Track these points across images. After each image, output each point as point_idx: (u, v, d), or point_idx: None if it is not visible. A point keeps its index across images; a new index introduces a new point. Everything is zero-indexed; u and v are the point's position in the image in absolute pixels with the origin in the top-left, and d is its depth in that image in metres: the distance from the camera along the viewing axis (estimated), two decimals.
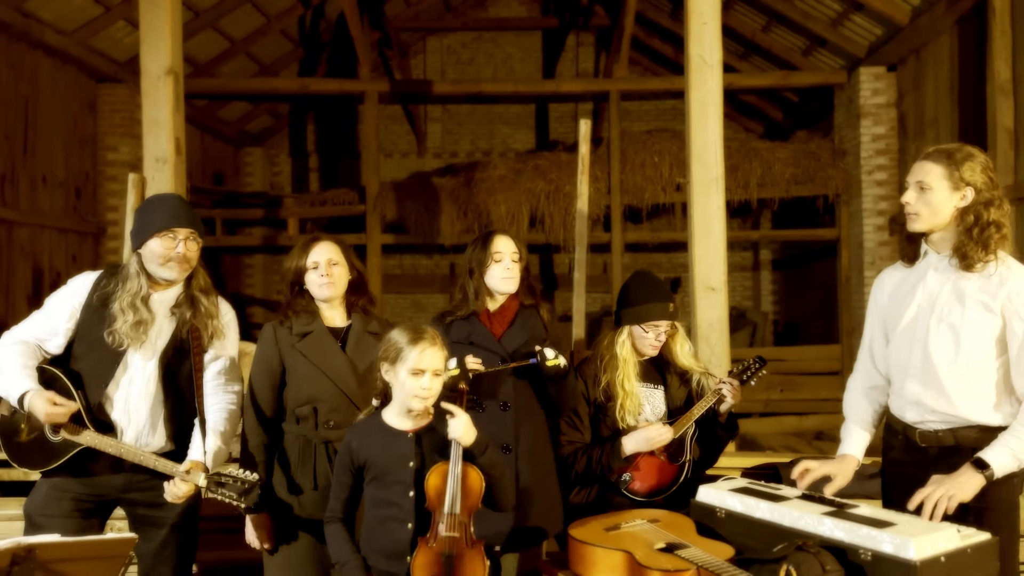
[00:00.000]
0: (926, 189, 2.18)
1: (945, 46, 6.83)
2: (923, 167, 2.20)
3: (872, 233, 7.88)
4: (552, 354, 2.53)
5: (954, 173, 2.15)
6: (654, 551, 1.97)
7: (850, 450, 2.37)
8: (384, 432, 2.20)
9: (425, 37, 11.07)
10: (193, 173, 9.20)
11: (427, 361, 2.14)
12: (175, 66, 4.18)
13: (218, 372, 2.59)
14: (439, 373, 2.17)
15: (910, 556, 1.75)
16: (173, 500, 2.38)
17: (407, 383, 2.15)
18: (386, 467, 2.16)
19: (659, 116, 10.94)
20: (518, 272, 2.68)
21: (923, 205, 2.19)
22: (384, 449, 2.17)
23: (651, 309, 2.78)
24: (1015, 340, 2.13)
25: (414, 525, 2.12)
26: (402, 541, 2.12)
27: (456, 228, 8.68)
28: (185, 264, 2.52)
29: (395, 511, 2.14)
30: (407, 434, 2.19)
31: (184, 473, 2.35)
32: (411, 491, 2.14)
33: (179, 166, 4.20)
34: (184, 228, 2.50)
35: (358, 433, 2.22)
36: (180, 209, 2.53)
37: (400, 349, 2.16)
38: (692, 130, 4.16)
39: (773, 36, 8.78)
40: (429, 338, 2.17)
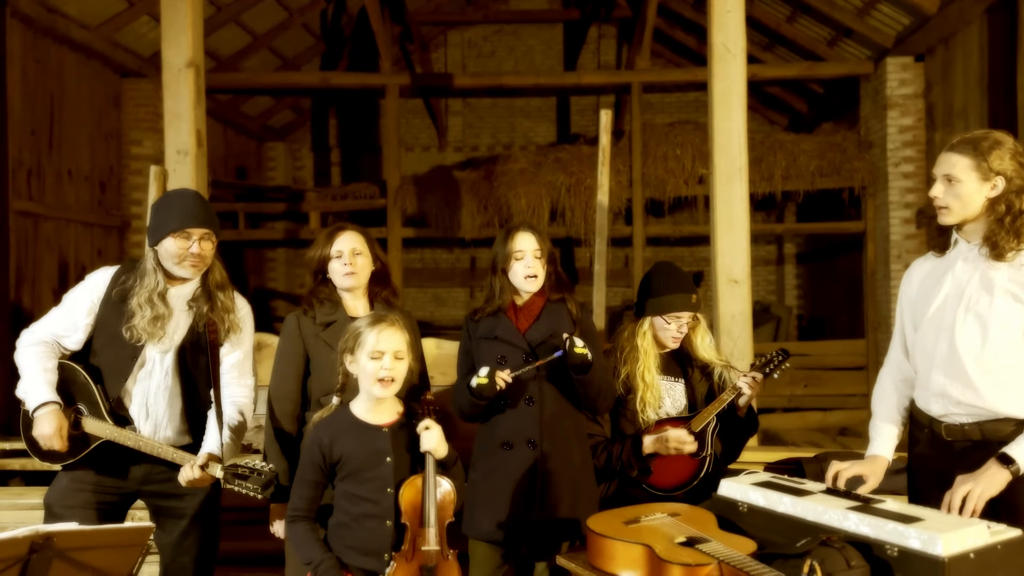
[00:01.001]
0: (954, 181, 2.12)
1: (974, 35, 6.69)
2: (949, 159, 2.14)
3: (899, 226, 7.75)
4: (580, 343, 2.47)
5: (982, 163, 2.09)
6: (674, 545, 1.94)
7: (880, 451, 2.31)
8: (356, 427, 2.16)
9: (446, 30, 11.06)
10: (217, 167, 9.28)
11: (385, 342, 2.11)
12: (196, 59, 4.19)
13: (232, 365, 2.60)
14: (401, 356, 2.14)
15: (938, 552, 1.71)
16: (186, 485, 2.39)
17: (367, 367, 2.12)
18: (362, 463, 2.13)
19: (682, 108, 10.85)
20: (541, 268, 2.63)
21: (952, 198, 2.13)
22: (359, 444, 2.13)
23: (673, 300, 2.74)
24: None
25: (393, 522, 2.10)
26: (383, 537, 2.09)
27: (476, 222, 8.66)
28: (200, 263, 2.53)
29: (371, 507, 2.11)
30: (382, 429, 2.15)
31: (201, 466, 2.35)
32: (389, 487, 2.10)
33: (200, 158, 4.22)
34: (199, 228, 2.50)
35: (328, 428, 2.17)
36: (195, 208, 2.52)
37: (359, 334, 2.14)
38: (715, 120, 4.11)
39: (798, 26, 8.65)
40: (388, 321, 2.14)
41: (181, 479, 2.39)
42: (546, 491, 2.53)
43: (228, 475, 2.33)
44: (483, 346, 2.63)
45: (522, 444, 2.55)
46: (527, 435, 2.56)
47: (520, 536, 2.54)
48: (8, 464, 3.93)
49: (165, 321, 2.48)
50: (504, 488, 2.53)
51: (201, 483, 2.39)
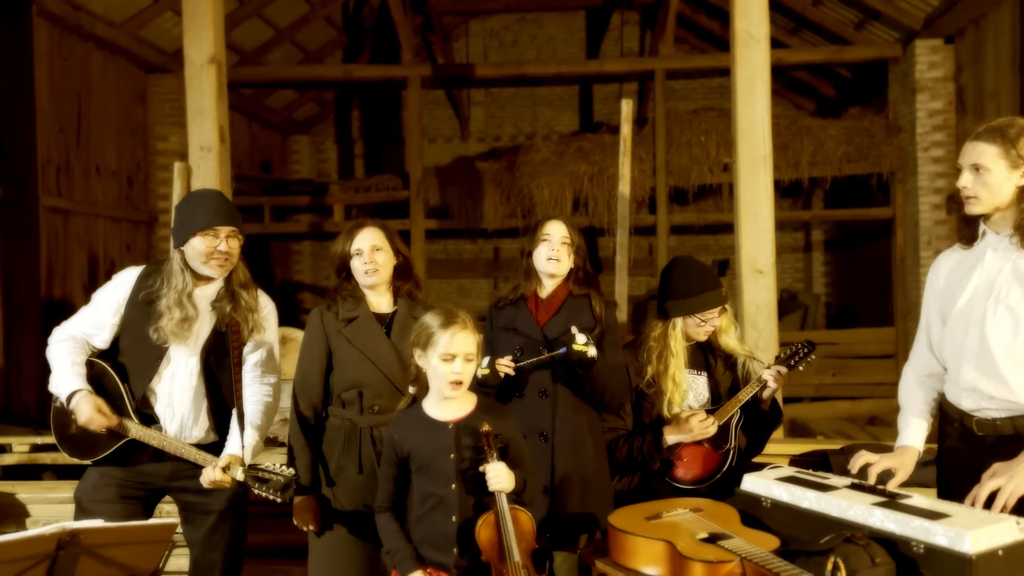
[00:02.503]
0: (983, 170, 2.06)
1: (1006, 15, 6.53)
2: (976, 148, 2.08)
3: (928, 212, 7.61)
4: (583, 339, 2.46)
5: (1011, 151, 2.03)
6: (696, 541, 1.92)
7: (910, 441, 2.26)
8: (424, 423, 2.19)
9: (467, 20, 11.02)
10: (241, 161, 9.35)
11: (458, 345, 2.11)
12: (218, 55, 4.21)
13: (255, 364, 2.61)
14: (471, 358, 2.14)
15: (965, 549, 1.68)
16: (208, 486, 2.41)
17: (439, 369, 2.13)
18: (428, 458, 2.15)
19: (706, 95, 10.73)
20: (566, 256, 2.63)
21: (981, 187, 2.08)
22: (425, 440, 2.16)
23: (706, 299, 2.71)
24: None
25: (458, 517, 2.11)
26: (448, 533, 2.11)
27: (499, 212, 8.65)
28: (227, 262, 2.53)
29: (437, 502, 2.14)
30: (447, 425, 2.17)
31: (223, 468, 2.38)
32: (452, 483, 2.12)
33: (223, 154, 4.24)
34: (226, 226, 2.51)
35: (399, 425, 2.22)
36: (221, 207, 2.53)
37: (431, 334, 2.14)
38: (738, 107, 4.05)
39: (824, 10, 8.50)
40: (460, 322, 2.14)
41: (203, 481, 2.41)
42: (558, 483, 2.54)
43: (249, 478, 2.35)
44: (502, 337, 2.65)
45: (535, 436, 2.56)
46: (540, 428, 2.56)
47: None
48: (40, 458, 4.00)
49: (193, 323, 2.50)
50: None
51: (223, 484, 2.41)
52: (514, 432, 2.22)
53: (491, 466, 2.07)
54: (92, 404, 2.40)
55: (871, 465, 2.17)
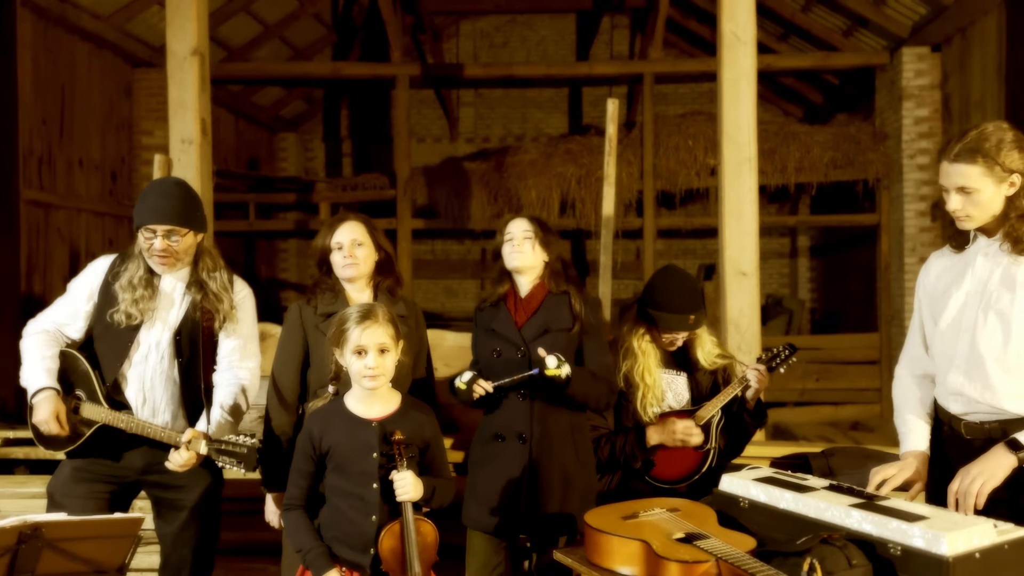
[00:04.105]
0: (971, 192, 2.04)
1: (992, 24, 6.57)
2: (958, 171, 2.04)
3: (913, 219, 7.64)
4: (554, 363, 2.42)
5: (994, 168, 2.01)
6: (672, 541, 1.90)
7: (916, 445, 2.21)
8: (346, 419, 2.15)
9: (458, 20, 11.00)
10: (228, 158, 9.29)
11: (368, 338, 2.08)
12: (201, 47, 4.17)
13: (232, 349, 2.60)
14: (386, 349, 2.10)
15: (942, 551, 1.67)
16: (174, 468, 2.40)
17: (353, 364, 2.10)
18: (348, 456, 2.11)
19: (695, 99, 10.75)
20: (529, 249, 2.59)
21: (972, 207, 2.06)
22: (347, 437, 2.12)
23: (669, 319, 2.70)
24: None
25: (378, 517, 2.08)
26: (366, 533, 2.07)
27: (487, 213, 8.62)
28: (169, 259, 2.50)
29: (357, 502, 2.10)
30: (371, 423, 2.13)
31: (186, 442, 2.37)
32: (375, 483, 2.08)
33: (205, 148, 4.20)
34: (162, 225, 2.45)
35: (319, 419, 2.17)
36: (161, 204, 2.48)
37: (344, 330, 2.11)
38: (724, 109, 4.05)
39: (813, 16, 8.53)
40: (372, 316, 2.11)
41: (170, 465, 2.40)
42: (535, 485, 2.51)
43: (213, 451, 2.35)
44: (482, 339, 2.64)
45: (513, 437, 2.54)
46: (518, 429, 2.54)
47: (513, 527, 2.52)
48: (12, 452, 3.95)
49: (148, 304, 2.47)
50: (494, 479, 2.53)
51: (189, 463, 2.39)
52: (435, 435, 2.20)
53: (399, 475, 2.04)
54: (52, 408, 2.39)
55: (889, 480, 2.10)
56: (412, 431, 2.13)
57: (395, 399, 2.20)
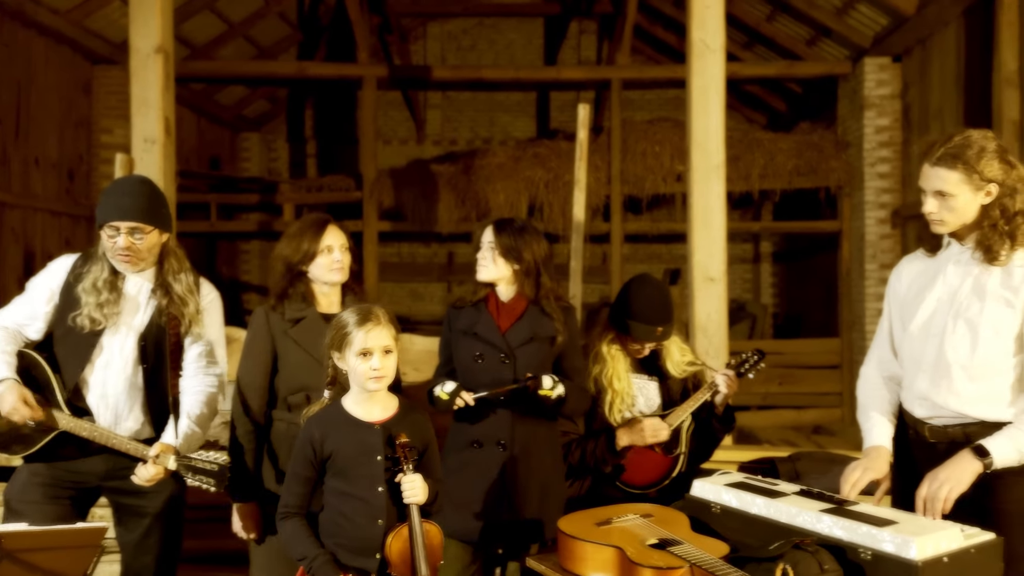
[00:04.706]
0: (948, 196, 2.07)
1: (952, 37, 6.73)
2: (938, 175, 2.07)
3: (874, 226, 7.79)
4: (549, 383, 2.41)
5: (972, 175, 2.04)
6: (646, 547, 1.91)
7: (879, 440, 2.23)
8: (348, 423, 2.12)
9: (426, 22, 10.96)
10: (189, 157, 9.13)
11: (373, 340, 2.06)
12: (165, 44, 4.09)
13: (198, 355, 2.53)
14: (390, 350, 2.09)
15: (911, 556, 1.69)
16: (141, 483, 2.34)
17: (357, 367, 2.08)
18: (352, 460, 2.08)
19: (662, 106, 10.84)
20: (491, 261, 2.55)
21: (947, 212, 2.09)
22: (350, 441, 2.09)
23: (637, 329, 2.71)
24: None
25: (385, 521, 2.05)
26: (373, 537, 2.04)
27: (454, 216, 8.59)
28: (132, 258, 2.43)
29: (361, 505, 2.07)
30: (374, 426, 2.11)
31: (154, 457, 2.30)
32: (380, 486, 2.06)
33: (168, 147, 4.12)
34: (126, 222, 2.39)
35: (319, 424, 2.13)
36: (126, 201, 2.41)
37: (346, 333, 2.09)
38: (693, 117, 4.09)
39: (777, 25, 8.67)
40: (373, 317, 2.09)
41: (137, 480, 2.33)
42: (514, 492, 2.50)
43: (181, 467, 2.28)
44: (462, 342, 2.58)
45: (492, 444, 2.51)
46: (497, 436, 2.51)
47: (489, 535, 2.50)
48: None
49: (112, 308, 2.41)
50: (471, 487, 2.50)
51: (157, 478, 2.32)
52: (431, 438, 2.18)
53: (408, 478, 2.02)
54: (17, 394, 2.29)
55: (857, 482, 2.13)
56: (414, 433, 2.12)
57: (393, 401, 2.17)
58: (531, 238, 2.57)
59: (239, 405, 2.50)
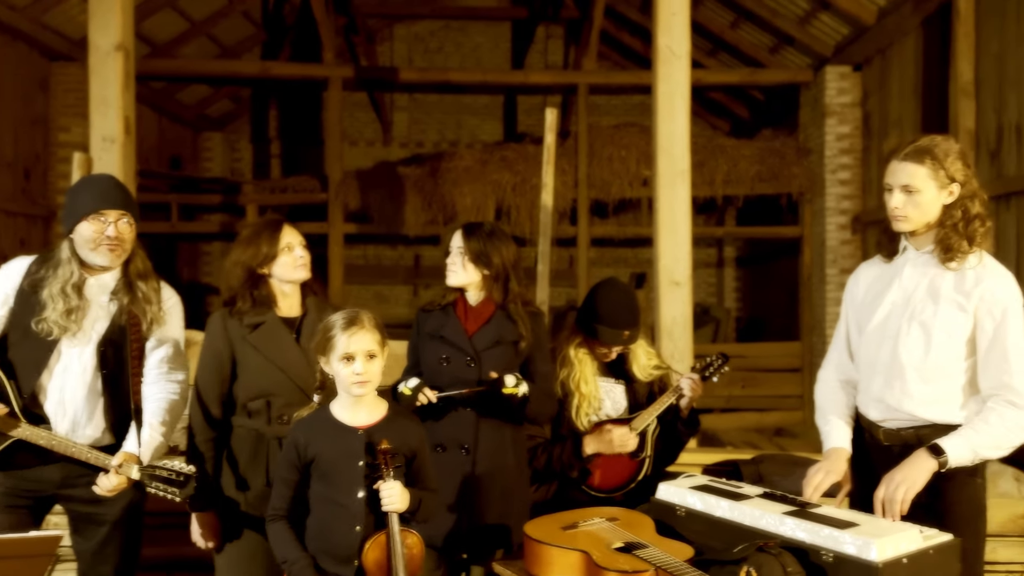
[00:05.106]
0: (914, 192, 2.11)
1: (910, 47, 6.88)
2: (906, 169, 2.11)
3: (834, 232, 7.94)
4: (512, 381, 2.41)
5: (940, 172, 2.09)
6: (611, 551, 1.91)
7: (839, 442, 2.26)
8: (333, 427, 2.10)
9: (392, 24, 10.91)
10: (149, 157, 8.97)
11: (356, 345, 2.04)
12: (125, 42, 4.01)
13: (160, 360, 2.47)
14: (374, 354, 2.07)
15: (872, 558, 1.72)
16: (103, 494, 2.28)
17: (341, 372, 2.06)
18: (334, 465, 2.06)
19: (628, 111, 10.92)
20: (460, 267, 2.54)
21: (912, 208, 2.12)
22: (332, 445, 2.07)
23: (604, 333, 2.71)
24: (984, 337, 2.09)
25: (362, 528, 2.03)
26: (350, 544, 2.02)
27: (421, 219, 8.57)
28: (118, 249, 2.39)
29: (341, 512, 2.05)
30: (357, 431, 2.09)
31: (116, 467, 2.24)
32: (360, 492, 2.04)
33: (128, 146, 4.04)
34: (114, 210, 2.37)
35: (305, 428, 2.13)
36: (110, 190, 2.40)
37: (330, 338, 2.07)
38: (659, 123, 4.12)
39: (741, 33, 8.79)
40: (358, 321, 2.07)
41: (98, 490, 2.27)
42: (476, 497, 2.49)
43: (146, 477, 2.23)
44: (428, 344, 2.57)
45: (455, 448, 2.50)
46: (461, 440, 2.50)
47: (452, 540, 2.49)
48: None
49: (80, 314, 2.35)
50: None
51: (120, 488, 2.27)
52: (421, 444, 2.15)
53: (386, 485, 2.00)
54: None
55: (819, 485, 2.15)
56: (399, 440, 2.08)
57: (382, 407, 2.15)
58: (500, 242, 2.56)
59: (198, 413, 2.45)
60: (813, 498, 2.10)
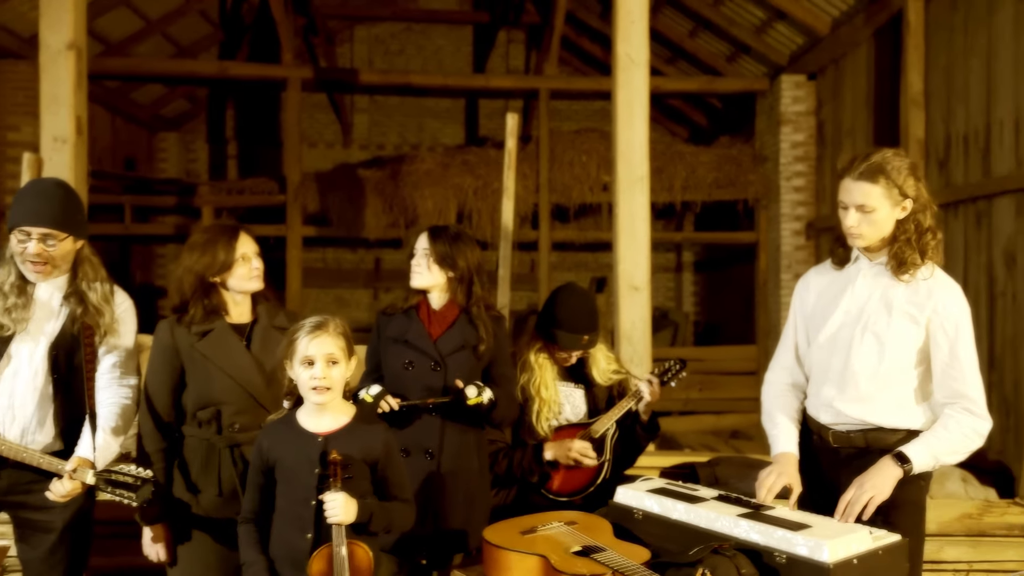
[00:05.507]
0: (869, 211, 2.14)
1: (863, 57, 7.05)
2: (861, 189, 2.13)
3: (789, 237, 8.09)
4: (474, 392, 2.42)
5: (893, 190, 2.12)
6: (570, 555, 1.92)
7: (788, 447, 2.30)
8: (295, 433, 2.09)
9: (353, 25, 10.84)
10: (103, 157, 8.78)
11: (316, 348, 2.02)
12: (78, 40, 3.92)
13: (112, 365, 2.43)
14: (336, 360, 2.05)
15: (824, 559, 1.75)
16: (56, 500, 2.23)
17: (301, 376, 2.05)
18: (292, 471, 2.05)
19: (588, 117, 11.00)
20: (426, 268, 2.54)
21: (867, 225, 2.16)
22: (292, 451, 2.06)
23: (563, 338, 2.74)
24: (939, 353, 2.14)
25: (313, 535, 2.02)
26: (302, 551, 2.01)
27: (381, 222, 8.52)
28: (44, 265, 2.32)
29: (296, 519, 2.04)
30: (317, 437, 2.07)
31: (71, 471, 2.19)
32: (313, 499, 2.02)
33: (80, 147, 3.95)
34: (38, 228, 2.29)
35: (270, 432, 2.12)
36: (41, 205, 2.31)
37: (292, 341, 2.06)
38: (618, 129, 4.16)
39: (699, 41, 8.91)
40: (323, 326, 2.05)
41: (52, 496, 2.21)
42: (440, 502, 2.48)
43: (101, 481, 2.18)
44: (391, 348, 2.55)
45: (419, 453, 2.49)
46: (425, 444, 2.50)
47: (412, 545, 2.48)
48: None
49: (22, 313, 2.30)
50: None
51: (73, 494, 2.22)
52: (388, 452, 2.12)
53: (329, 496, 1.96)
54: None
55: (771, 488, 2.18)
56: (361, 448, 2.06)
57: (347, 414, 2.12)
58: (465, 246, 2.57)
59: (148, 422, 2.40)
60: (766, 500, 2.14)
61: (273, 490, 2.09)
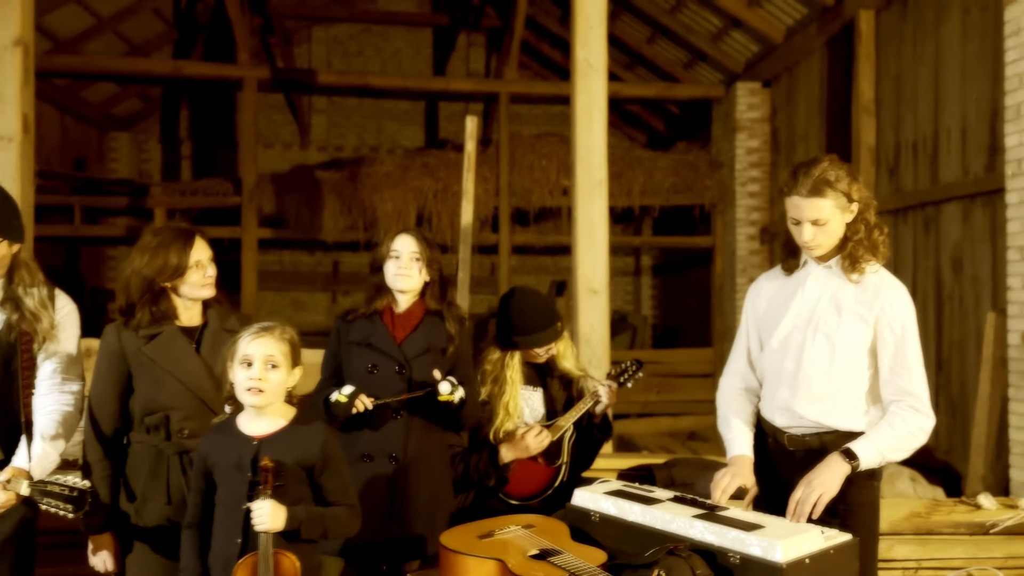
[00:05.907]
0: (824, 223, 2.19)
1: (816, 65, 7.20)
2: (812, 204, 2.16)
3: (744, 242, 8.22)
4: (447, 388, 2.41)
5: (841, 199, 2.17)
6: (527, 559, 1.92)
7: (743, 450, 2.33)
8: (232, 436, 2.05)
9: (311, 26, 10.72)
10: (51, 157, 8.56)
11: (256, 348, 1.99)
12: (25, 36, 3.82)
13: (53, 371, 2.35)
14: (277, 364, 2.01)
15: (777, 559, 1.78)
16: None
17: (238, 376, 2.00)
18: (227, 475, 2.02)
19: (548, 121, 11.04)
20: (416, 272, 2.54)
21: (824, 236, 2.21)
22: (226, 454, 2.02)
23: (542, 337, 2.75)
24: (886, 351, 2.19)
25: (242, 541, 1.98)
26: (231, 556, 1.97)
27: (339, 224, 8.44)
28: None
29: (227, 524, 2.00)
30: (252, 440, 2.03)
31: (4, 482, 2.12)
32: (242, 503, 1.97)
33: (27, 146, 3.84)
34: None
35: (210, 435, 2.09)
36: None
37: (235, 342, 2.03)
38: (577, 134, 4.18)
39: (657, 48, 9.02)
40: (268, 330, 2.02)
41: None
42: (404, 507, 2.47)
43: (37, 493, 2.11)
44: (354, 352, 2.52)
45: (383, 458, 2.47)
46: (389, 449, 2.47)
47: (373, 551, 2.46)
48: None
49: None
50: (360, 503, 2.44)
51: (8, 504, 2.14)
52: (328, 456, 2.05)
53: (256, 504, 1.91)
54: None
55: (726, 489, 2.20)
56: (297, 452, 2.01)
57: (286, 417, 2.07)
58: (436, 248, 2.62)
59: (91, 430, 2.33)
60: (721, 501, 2.16)
61: (214, 495, 2.06)
